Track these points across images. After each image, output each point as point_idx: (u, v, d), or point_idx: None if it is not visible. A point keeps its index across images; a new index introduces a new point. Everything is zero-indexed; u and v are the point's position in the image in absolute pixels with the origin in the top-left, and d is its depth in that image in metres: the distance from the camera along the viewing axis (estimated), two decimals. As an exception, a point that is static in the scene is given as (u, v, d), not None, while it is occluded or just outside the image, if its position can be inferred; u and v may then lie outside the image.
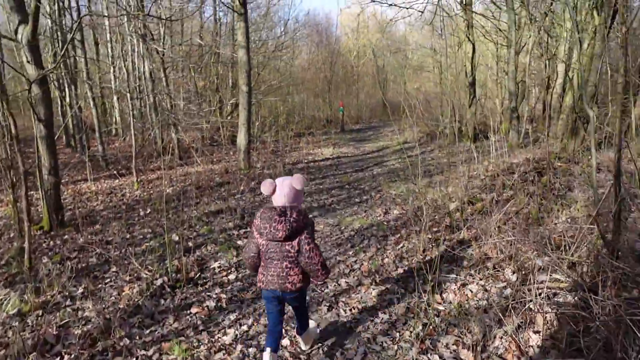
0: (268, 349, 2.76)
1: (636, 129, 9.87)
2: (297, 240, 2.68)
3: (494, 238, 4.30)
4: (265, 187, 2.80)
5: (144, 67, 11.70)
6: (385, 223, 5.94)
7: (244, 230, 5.82)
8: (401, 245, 4.97)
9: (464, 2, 13.22)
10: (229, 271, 4.45)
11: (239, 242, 5.34)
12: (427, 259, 4.50)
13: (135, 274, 4.29)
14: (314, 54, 25.86)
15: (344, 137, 17.04)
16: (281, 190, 2.76)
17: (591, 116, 3.78)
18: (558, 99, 12.73)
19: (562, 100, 12.83)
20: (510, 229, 4.65)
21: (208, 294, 3.91)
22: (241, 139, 9.59)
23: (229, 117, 14.94)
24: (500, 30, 14.07)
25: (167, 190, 8.30)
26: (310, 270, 2.72)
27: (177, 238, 5.31)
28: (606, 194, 3.76)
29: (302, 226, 2.69)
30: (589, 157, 9.89)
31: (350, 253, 4.91)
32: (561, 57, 12.48)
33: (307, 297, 3.59)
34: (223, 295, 3.85)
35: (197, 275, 4.28)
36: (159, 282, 4.01)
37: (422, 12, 11.33)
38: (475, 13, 13.34)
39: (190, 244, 5.21)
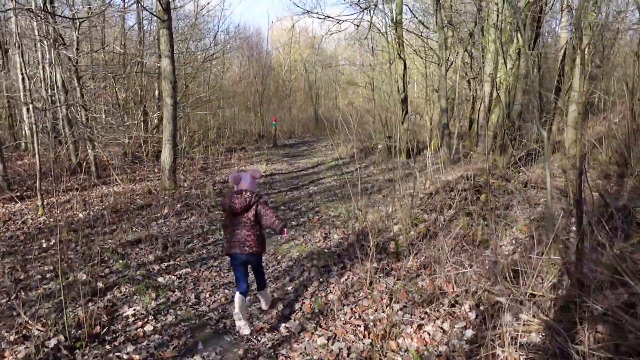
0: (237, 292, 3.50)
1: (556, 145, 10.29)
2: (252, 212, 3.56)
3: (446, 267, 3.97)
4: (232, 179, 3.74)
5: (55, 75, 10.46)
6: (326, 250, 5.47)
7: (166, 264, 5.06)
8: (346, 277, 4.50)
9: (395, 20, 13.33)
10: (146, 320, 3.71)
11: (160, 280, 4.59)
12: (374, 293, 4.06)
13: (24, 331, 3.42)
14: (245, 67, 25.20)
15: (277, 153, 16.52)
16: (244, 180, 3.69)
17: (545, 137, 3.57)
18: (485, 117, 13.13)
19: (488, 118, 13.25)
20: (461, 257, 4.35)
21: (117, 354, 3.16)
22: (166, 156, 8.74)
23: (154, 132, 13.88)
24: (431, 48, 14.34)
25: (79, 215, 7.27)
26: (271, 226, 3.61)
27: (84, 277, 4.47)
28: (559, 223, 3.55)
29: (255, 201, 3.58)
30: (518, 173, 10.10)
31: (290, 288, 4.36)
32: (486, 77, 12.90)
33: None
34: (136, 357, 3.12)
35: (105, 329, 3.50)
36: (52, 342, 3.19)
37: (358, 27, 11.17)
38: (407, 31, 13.47)
39: (100, 284, 4.39)
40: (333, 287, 4.28)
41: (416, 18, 15.38)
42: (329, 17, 10.84)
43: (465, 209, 6.80)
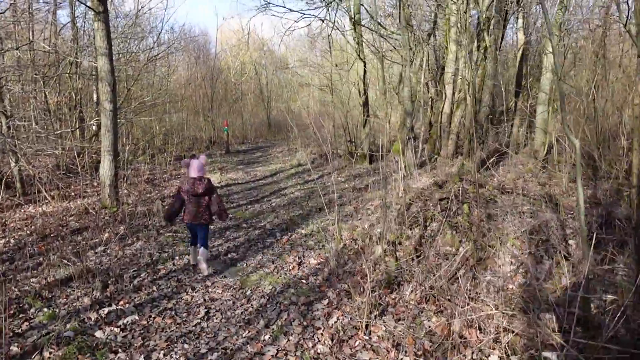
0: (193, 246, 5.13)
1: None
2: (207, 197, 4.92)
3: (461, 306, 3.26)
4: (184, 164, 5.08)
5: (-33, 77, 8.95)
6: (304, 281, 4.64)
7: (106, 309, 4.03)
8: (335, 319, 3.70)
9: (353, 20, 12.73)
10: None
11: (98, 335, 3.58)
12: (373, 340, 3.30)
13: None
14: (193, 70, 23.84)
15: (231, 160, 15.46)
16: (193, 167, 4.94)
17: (577, 146, 2.95)
18: (447, 119, 12.79)
19: (451, 120, 12.93)
20: (468, 285, 3.68)
21: None
22: (105, 170, 7.58)
23: (92, 140, 12.45)
24: (394, 48, 13.82)
25: (-5, 245, 6.02)
26: (219, 213, 4.99)
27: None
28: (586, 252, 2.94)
29: (212, 187, 4.99)
30: (489, 177, 9.71)
31: (267, 337, 3.50)
32: (448, 78, 12.57)
33: None
34: None
35: None
36: None
37: (323, 21, 10.46)
38: (368, 28, 12.89)
39: (14, 348, 3.33)
40: (321, 334, 3.47)
41: (373, 18, 14.88)
42: (292, 10, 10.01)
43: (448, 222, 6.21)
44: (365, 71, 12.70)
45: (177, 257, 5.39)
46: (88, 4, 7.40)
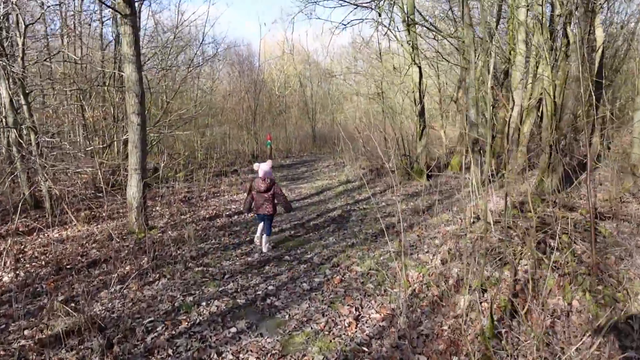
0: (258, 234, 6.37)
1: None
2: (271, 192, 6.06)
3: None
4: (256, 167, 6.14)
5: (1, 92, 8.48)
6: (364, 349, 3.43)
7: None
8: None
9: (407, 21, 11.53)
10: None
11: None
12: None
13: None
14: (236, 83, 23.35)
15: (275, 176, 14.50)
16: (262, 169, 6.07)
17: None
18: (515, 129, 11.28)
19: (520, 131, 11.41)
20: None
21: None
22: (133, 191, 6.73)
23: (126, 157, 11.86)
24: (456, 49, 12.50)
25: (4, 279, 5.22)
26: (284, 206, 6.23)
27: None
28: None
29: (273, 184, 6.10)
30: (575, 198, 8.21)
31: None
32: (516, 83, 11.09)
33: None
34: None
35: None
36: None
37: (377, 22, 9.38)
38: (424, 27, 11.65)
39: None
40: None
41: (426, 20, 13.59)
42: (341, 4, 8.98)
43: (545, 260, 4.83)
44: (421, 77, 11.42)
45: (203, 304, 4.33)
46: (114, 6, 6.64)
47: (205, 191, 11.05)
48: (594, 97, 9.03)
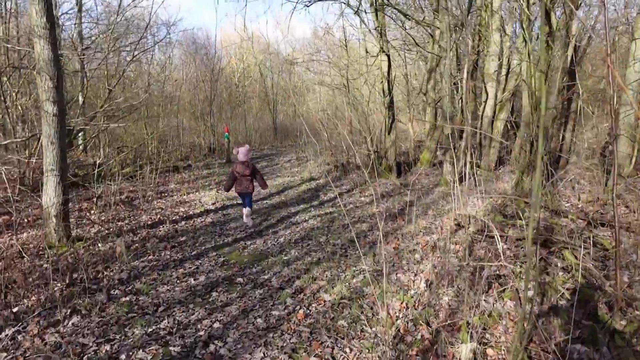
0: (244, 208, 7.00)
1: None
2: (251, 175, 6.79)
3: None
4: (235, 151, 6.91)
5: None
6: None
7: None
8: None
9: (375, 6, 10.62)
10: None
11: None
12: None
13: None
14: (191, 70, 21.83)
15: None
16: (241, 153, 6.82)
17: None
18: (488, 124, 10.64)
19: (493, 126, 10.79)
20: None
21: None
22: (49, 196, 5.50)
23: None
24: (430, 37, 11.74)
25: None
26: (261, 185, 7.04)
27: None
28: None
29: (254, 169, 6.85)
30: (557, 200, 7.61)
31: None
32: (490, 75, 10.43)
33: None
34: None
35: None
36: None
37: (347, 4, 8.43)
38: (398, 11, 10.76)
39: None
40: None
41: (395, 6, 12.73)
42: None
43: (551, 284, 4.03)
44: (389, 66, 10.56)
45: (123, 357, 3.24)
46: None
47: (151, 190, 9.79)
48: (578, 88, 8.42)
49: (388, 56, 10.50)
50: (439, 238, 5.71)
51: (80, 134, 13.11)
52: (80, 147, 13.99)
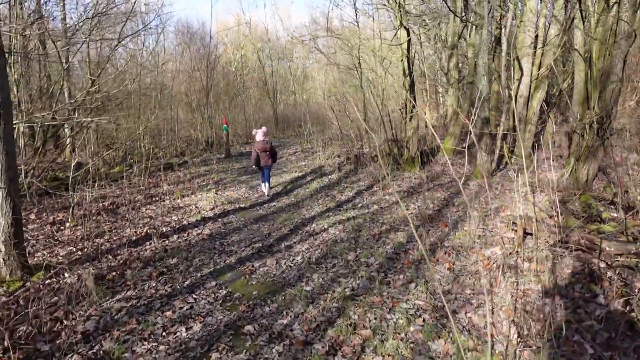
0: (262, 183, 8.39)
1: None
2: (270, 150, 8.06)
3: None
4: (254, 132, 8.35)
5: None
6: None
7: None
8: None
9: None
10: None
11: None
12: None
13: None
14: (186, 59, 20.38)
15: (232, 168, 12.02)
16: (259, 134, 8.18)
17: None
18: (524, 105, 9.28)
19: (529, 103, 9.42)
20: None
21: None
22: (-4, 216, 4.19)
23: (40, 152, 9.06)
24: (450, 10, 10.32)
25: None
26: (274, 158, 8.25)
27: None
28: None
29: (271, 146, 8.13)
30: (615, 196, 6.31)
31: None
32: (526, 49, 9.05)
33: None
34: None
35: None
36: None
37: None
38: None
39: None
40: None
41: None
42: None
43: None
44: (409, 42, 9.16)
45: None
46: None
47: (140, 193, 8.49)
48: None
49: (407, 30, 9.11)
50: (503, 252, 4.40)
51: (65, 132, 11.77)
52: (68, 147, 12.68)
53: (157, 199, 8.31)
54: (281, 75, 27.46)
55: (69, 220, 6.74)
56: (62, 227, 6.55)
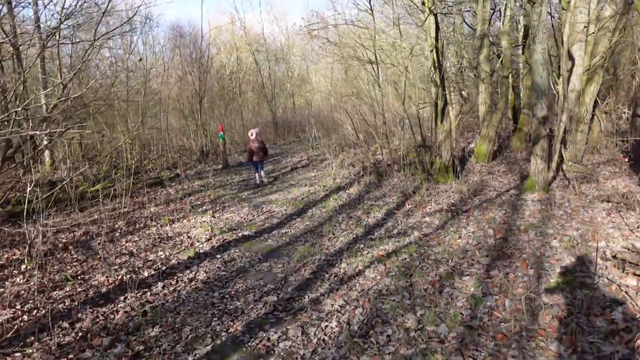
0: (256, 174, 9.79)
1: None
2: (263, 149, 9.63)
3: None
4: (250, 133, 9.81)
5: None
6: None
7: None
8: None
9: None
10: None
11: None
12: None
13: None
14: (174, 61, 18.89)
15: (231, 182, 10.52)
16: (253, 135, 9.61)
17: None
18: (576, 100, 7.83)
19: (581, 99, 7.98)
20: None
21: None
22: None
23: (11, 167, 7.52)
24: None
25: None
26: (265, 154, 9.76)
27: None
28: None
29: (262, 143, 9.69)
30: None
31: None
32: (573, 37, 7.63)
33: None
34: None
35: None
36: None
37: None
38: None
39: None
40: None
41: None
42: None
43: None
44: (437, 30, 7.71)
45: None
46: None
47: (122, 217, 6.98)
48: None
49: (435, 16, 7.66)
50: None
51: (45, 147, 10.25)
52: (47, 162, 11.18)
53: (141, 225, 6.80)
54: (279, 78, 26.02)
55: (25, 261, 5.24)
56: (15, 271, 5.05)
